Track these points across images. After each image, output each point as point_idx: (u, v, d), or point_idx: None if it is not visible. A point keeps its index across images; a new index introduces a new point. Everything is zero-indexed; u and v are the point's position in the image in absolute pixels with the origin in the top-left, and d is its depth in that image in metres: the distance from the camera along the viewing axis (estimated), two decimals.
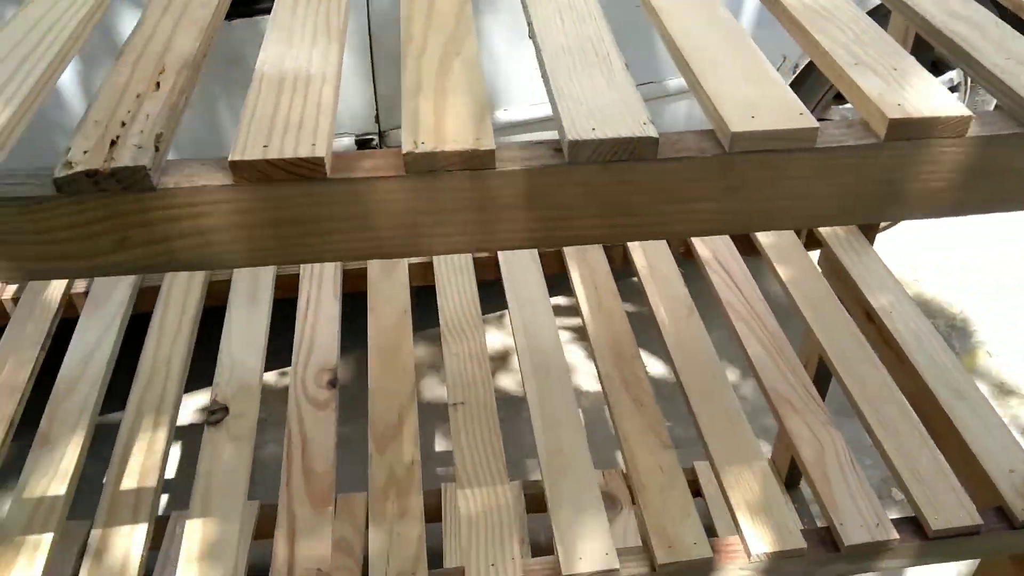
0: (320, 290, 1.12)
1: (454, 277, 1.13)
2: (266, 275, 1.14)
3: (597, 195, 0.49)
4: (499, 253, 1.17)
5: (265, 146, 0.46)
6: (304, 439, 0.91)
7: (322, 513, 0.83)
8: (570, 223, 0.50)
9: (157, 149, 0.46)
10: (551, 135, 0.50)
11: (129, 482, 0.86)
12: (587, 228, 0.51)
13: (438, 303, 1.10)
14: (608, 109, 0.49)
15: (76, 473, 0.88)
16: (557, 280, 1.17)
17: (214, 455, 0.89)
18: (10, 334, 1.05)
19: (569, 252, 1.17)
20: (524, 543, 1.25)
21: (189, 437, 1.70)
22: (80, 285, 1.14)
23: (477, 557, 0.79)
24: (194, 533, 0.81)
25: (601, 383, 0.97)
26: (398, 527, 0.82)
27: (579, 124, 0.48)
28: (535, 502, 1.31)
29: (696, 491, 1.45)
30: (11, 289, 1.14)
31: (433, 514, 1.21)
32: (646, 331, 1.10)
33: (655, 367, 1.79)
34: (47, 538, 0.81)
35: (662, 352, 1.69)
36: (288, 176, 0.46)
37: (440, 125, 0.49)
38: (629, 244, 1.17)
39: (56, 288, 1.12)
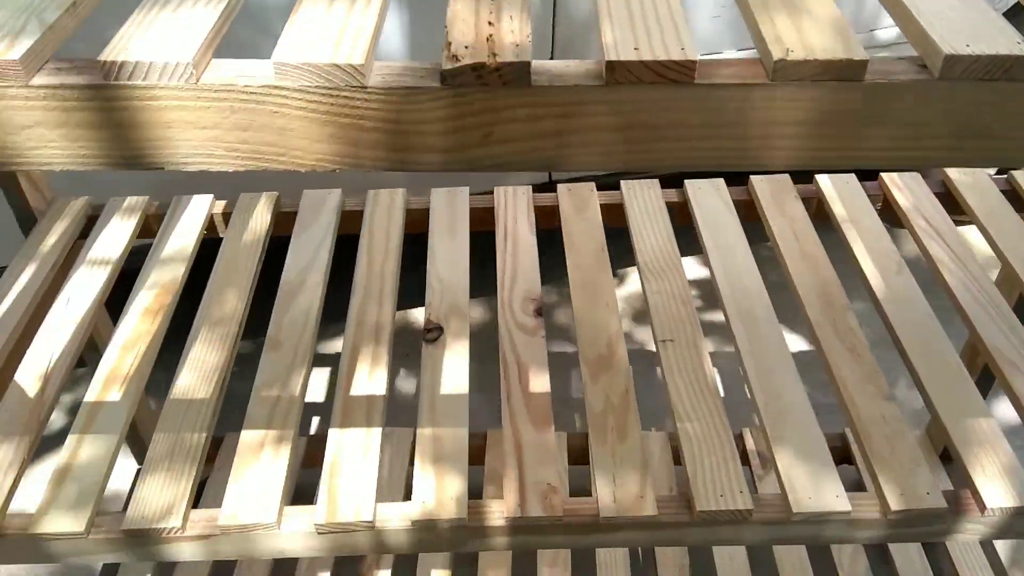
0: (516, 223, 1.14)
1: (648, 219, 1.13)
2: (462, 207, 1.16)
3: (956, 114, 0.48)
4: (692, 199, 1.16)
5: (636, 48, 0.47)
6: (519, 362, 0.94)
7: (545, 433, 0.86)
8: (921, 143, 0.50)
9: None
10: None
11: (359, 390, 0.91)
12: (936, 149, 0.50)
13: (634, 243, 1.10)
14: (974, 28, 0.48)
15: (307, 377, 0.93)
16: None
17: (435, 370, 0.93)
18: (228, 246, 1.11)
19: (765, 200, 1.15)
20: None
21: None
22: (286, 205, 1.19)
23: (705, 488, 0.80)
24: (426, 444, 0.85)
25: (813, 331, 0.96)
26: (620, 451, 0.84)
27: (951, 40, 0.47)
28: None
29: (844, 458, 1.44)
30: (220, 204, 1.20)
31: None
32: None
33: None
34: (288, 435, 0.86)
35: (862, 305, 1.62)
36: (656, 79, 0.47)
37: (803, 36, 0.48)
38: (827, 196, 1.15)
39: (263, 209, 1.17)
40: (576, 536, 0.81)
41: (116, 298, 1.05)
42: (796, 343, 1.81)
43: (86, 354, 1.15)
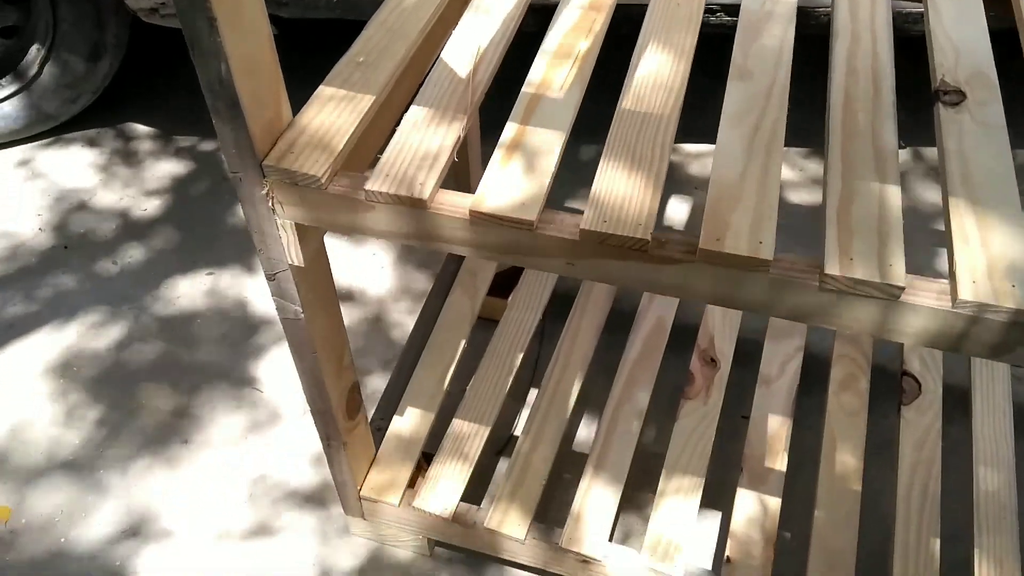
0: None
1: None
2: None
3: None
4: None
5: None
6: None
7: None
8: None
9: None
10: None
11: (861, 141, 0.70)
12: None
13: None
14: None
15: (783, 112, 0.73)
16: None
17: (961, 135, 0.70)
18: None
19: None
20: None
21: None
22: None
23: None
24: (962, 218, 0.64)
25: None
26: None
27: None
28: None
29: None
30: None
31: None
32: None
33: None
34: (775, 162, 0.68)
35: None
36: None
37: None
38: None
39: None
40: None
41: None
42: None
43: None
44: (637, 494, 1.22)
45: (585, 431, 1.31)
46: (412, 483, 1.13)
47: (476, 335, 1.31)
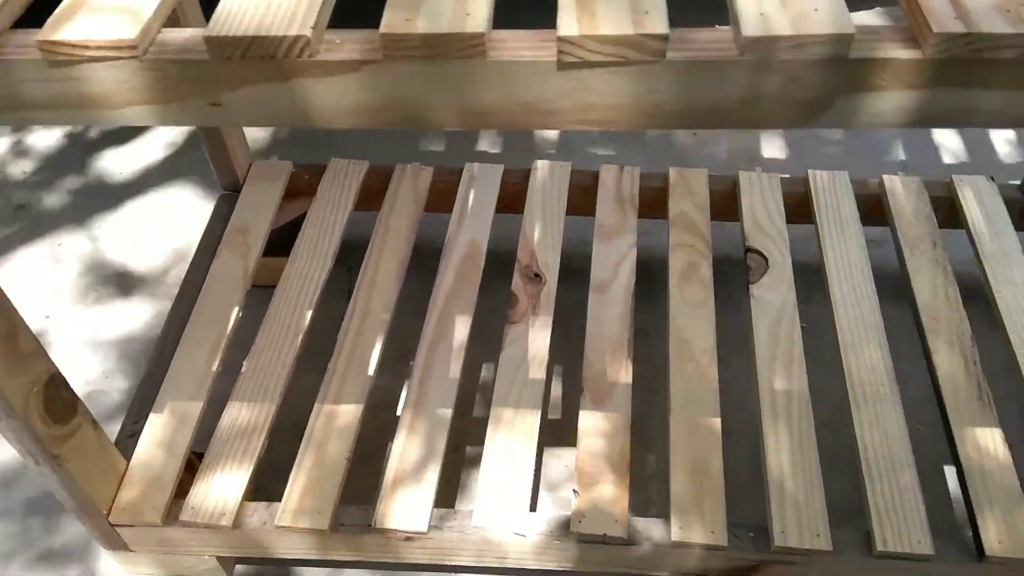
0: None
1: None
2: None
3: None
4: None
5: None
6: None
7: None
8: None
9: None
10: None
11: None
12: None
13: None
14: None
15: None
16: None
17: None
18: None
19: None
20: None
21: None
22: None
23: None
24: None
25: None
26: None
27: None
28: None
29: None
30: None
31: None
32: None
33: None
34: None
35: None
36: None
37: None
38: None
39: None
40: None
41: None
42: None
43: None
44: (466, 445, 1.02)
45: (401, 390, 1.10)
46: (183, 492, 0.89)
47: (255, 305, 1.07)
